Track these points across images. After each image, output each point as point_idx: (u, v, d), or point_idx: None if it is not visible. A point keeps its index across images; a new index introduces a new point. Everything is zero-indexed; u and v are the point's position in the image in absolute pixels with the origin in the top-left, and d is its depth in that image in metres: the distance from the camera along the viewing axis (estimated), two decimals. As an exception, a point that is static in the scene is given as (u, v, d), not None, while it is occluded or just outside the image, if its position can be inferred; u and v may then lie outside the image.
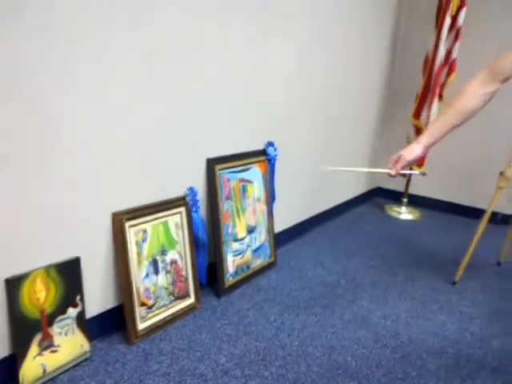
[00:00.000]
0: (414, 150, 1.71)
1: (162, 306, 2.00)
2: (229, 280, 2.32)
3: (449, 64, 3.36)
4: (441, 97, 3.45)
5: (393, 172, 1.74)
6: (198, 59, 2.00)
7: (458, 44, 3.31)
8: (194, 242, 2.15)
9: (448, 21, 3.21)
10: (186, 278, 2.12)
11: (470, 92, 1.63)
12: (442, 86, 3.41)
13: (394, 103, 4.05)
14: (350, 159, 3.62)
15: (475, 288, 2.58)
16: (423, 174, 1.73)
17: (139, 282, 1.89)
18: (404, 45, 3.94)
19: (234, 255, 2.36)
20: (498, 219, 3.06)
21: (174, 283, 2.06)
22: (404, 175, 1.76)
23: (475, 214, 3.56)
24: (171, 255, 2.04)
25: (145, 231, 1.91)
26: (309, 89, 2.83)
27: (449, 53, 3.35)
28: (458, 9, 3.22)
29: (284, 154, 2.71)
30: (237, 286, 2.37)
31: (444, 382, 1.78)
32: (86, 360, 1.74)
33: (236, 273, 2.37)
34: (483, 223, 2.59)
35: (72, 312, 1.69)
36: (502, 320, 2.27)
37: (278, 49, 2.47)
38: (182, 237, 2.09)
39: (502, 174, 2.52)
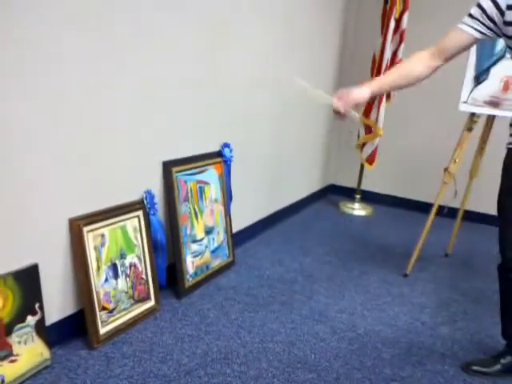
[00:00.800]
0: (362, 92, 1.72)
1: (123, 310, 2.00)
2: (189, 281, 2.34)
3: (395, 64, 3.49)
4: (388, 97, 3.59)
5: (342, 109, 1.71)
6: (154, 60, 2.01)
7: (402, 46, 3.46)
8: (153, 244, 2.16)
9: (392, 24, 3.35)
10: (146, 281, 2.13)
11: (417, 60, 1.72)
12: (390, 86, 3.54)
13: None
14: (303, 157, 3.71)
15: (425, 279, 2.71)
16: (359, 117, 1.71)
17: (99, 287, 1.88)
18: (352, 47, 4.07)
19: (193, 256, 2.38)
20: (445, 213, 3.22)
21: (133, 286, 2.06)
22: (345, 115, 1.72)
23: (425, 208, 3.72)
24: (130, 259, 2.04)
25: (103, 236, 1.91)
26: (263, 91, 2.88)
27: (394, 54, 3.50)
28: (402, 12, 3.37)
29: (240, 155, 2.75)
30: (197, 287, 2.39)
31: (397, 369, 1.87)
32: (46, 368, 1.72)
33: (195, 273, 2.39)
34: (431, 217, 2.73)
35: (31, 320, 1.67)
36: (449, 308, 2.40)
37: (231, 51, 2.51)
38: (140, 240, 2.10)
39: (446, 170, 2.65)
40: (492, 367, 1.88)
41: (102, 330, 1.89)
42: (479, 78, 2.49)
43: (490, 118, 2.69)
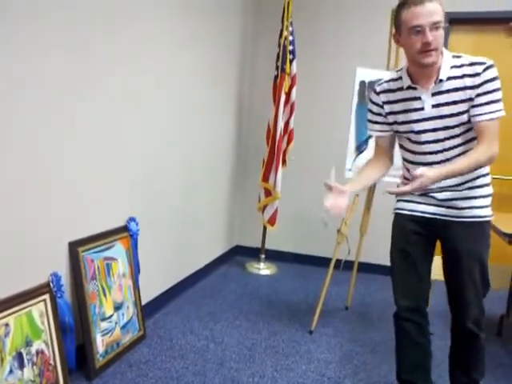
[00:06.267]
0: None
1: (30, 401, 1.94)
2: (99, 360, 2.31)
3: (288, 133, 3.83)
4: (284, 162, 3.88)
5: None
6: (57, 136, 2.07)
7: (293, 116, 3.81)
8: (61, 327, 2.13)
9: (283, 97, 3.68)
10: (55, 366, 2.08)
11: (373, 168, 2.05)
12: (284, 152, 3.86)
13: (246, 169, 4.43)
14: (208, 222, 3.83)
15: (328, 334, 2.89)
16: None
17: (2, 381, 1.82)
18: (248, 117, 4.38)
19: (103, 334, 2.36)
20: (342, 267, 3.46)
21: (41, 374, 2.01)
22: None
23: (325, 263, 3.96)
24: (37, 345, 2.00)
25: (7, 325, 1.86)
26: (167, 163, 3.00)
27: (287, 123, 3.83)
28: (290, 87, 3.73)
29: (146, 225, 2.81)
30: (108, 366, 2.36)
31: (308, 427, 1.98)
32: None
33: (106, 352, 2.37)
34: (329, 273, 2.95)
35: None
36: (352, 361, 2.59)
37: (135, 125, 2.62)
38: (47, 324, 2.06)
39: (339, 231, 2.91)
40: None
41: (8, 427, 1.81)
42: (360, 148, 2.82)
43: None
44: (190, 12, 3.07)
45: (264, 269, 4.13)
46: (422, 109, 1.84)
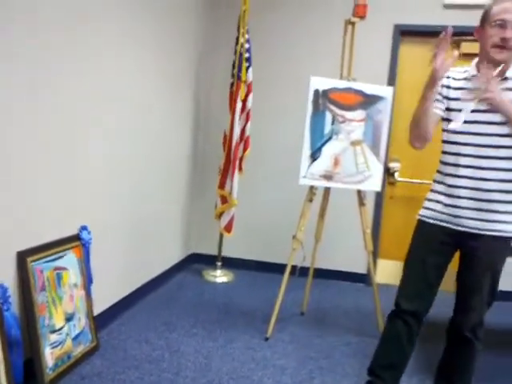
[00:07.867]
0: None
1: (-26, 419, 1.85)
2: (49, 374, 2.23)
3: (244, 141, 3.84)
4: (240, 169, 3.89)
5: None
6: (6, 140, 2.00)
7: (249, 123, 3.82)
8: (7, 341, 2.05)
9: (239, 105, 3.69)
10: None
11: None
12: (241, 159, 3.87)
13: (203, 176, 4.41)
14: (164, 229, 3.79)
15: (285, 340, 2.91)
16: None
17: None
18: (205, 126, 4.37)
19: (53, 347, 2.28)
20: (298, 273, 3.49)
21: (-15, 391, 1.92)
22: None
23: (281, 269, 3.98)
24: (-19, 361, 1.91)
25: (-51, 340, 1.78)
26: (120, 170, 2.95)
27: (243, 131, 3.83)
28: (246, 94, 3.75)
29: (98, 234, 2.75)
30: (58, 379, 2.28)
31: (264, 435, 1.98)
32: None
33: (56, 365, 2.29)
34: (285, 279, 2.96)
35: None
36: (307, 366, 2.61)
37: (89, 135, 2.57)
38: (-8, 339, 1.98)
39: (294, 237, 2.94)
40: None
41: None
42: (314, 156, 2.86)
43: (327, 190, 3.07)
44: (142, 17, 3.04)
45: (221, 276, 4.12)
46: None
